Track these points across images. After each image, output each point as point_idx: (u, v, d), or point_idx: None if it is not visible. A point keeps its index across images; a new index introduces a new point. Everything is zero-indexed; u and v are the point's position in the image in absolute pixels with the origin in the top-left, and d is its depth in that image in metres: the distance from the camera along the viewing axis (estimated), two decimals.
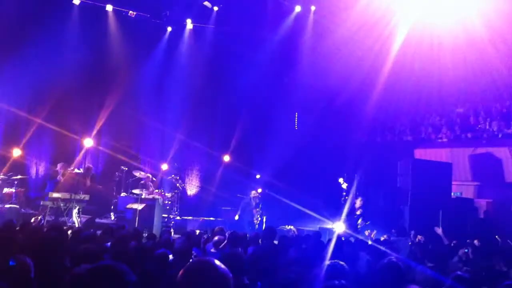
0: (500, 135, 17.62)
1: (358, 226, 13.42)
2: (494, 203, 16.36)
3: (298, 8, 18.64)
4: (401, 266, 5.35)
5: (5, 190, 14.18)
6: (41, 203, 13.48)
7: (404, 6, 16.53)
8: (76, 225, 12.70)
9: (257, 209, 15.17)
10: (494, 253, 8.52)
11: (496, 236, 12.27)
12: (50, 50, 15.95)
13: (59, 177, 13.86)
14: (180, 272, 2.65)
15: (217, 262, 2.71)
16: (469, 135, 18.50)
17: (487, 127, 18.34)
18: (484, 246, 10.49)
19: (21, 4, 15.84)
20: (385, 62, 18.15)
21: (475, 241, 11.22)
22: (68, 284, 2.88)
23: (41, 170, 17.19)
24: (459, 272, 5.73)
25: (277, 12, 18.33)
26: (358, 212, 13.67)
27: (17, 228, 8.01)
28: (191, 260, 2.76)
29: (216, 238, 8.31)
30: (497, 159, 16.91)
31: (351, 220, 13.82)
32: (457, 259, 8.68)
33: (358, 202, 13.85)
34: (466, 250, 9.05)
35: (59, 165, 14.28)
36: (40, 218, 12.61)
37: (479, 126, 18.63)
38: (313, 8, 18.81)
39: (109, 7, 17.73)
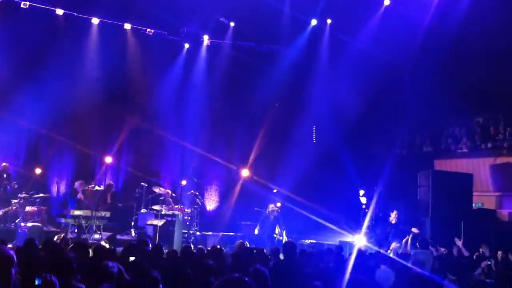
0: None
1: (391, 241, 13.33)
2: None
3: (314, 22, 18.70)
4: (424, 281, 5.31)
5: (27, 208, 14.33)
6: (63, 220, 13.61)
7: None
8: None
9: (278, 224, 15.13)
10: None
11: None
12: (70, 69, 16.25)
13: (80, 195, 14.00)
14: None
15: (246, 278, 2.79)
16: (489, 144, 18.31)
17: (507, 136, 18.15)
18: (506, 257, 10.35)
19: (42, 24, 16.16)
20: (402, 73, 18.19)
21: (499, 253, 11.09)
22: None
23: (62, 187, 17.38)
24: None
25: (293, 26, 18.39)
26: (393, 222, 13.64)
27: (40, 246, 8.08)
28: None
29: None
30: None
31: (376, 232, 13.79)
32: (480, 271, 8.57)
33: (393, 216, 13.79)
34: (489, 262, 8.94)
35: (76, 184, 14.42)
36: (63, 236, 12.73)
37: (499, 135, 18.45)
38: (329, 21, 18.85)
39: (127, 26, 17.98)
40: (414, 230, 12.97)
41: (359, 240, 14.40)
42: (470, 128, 19.89)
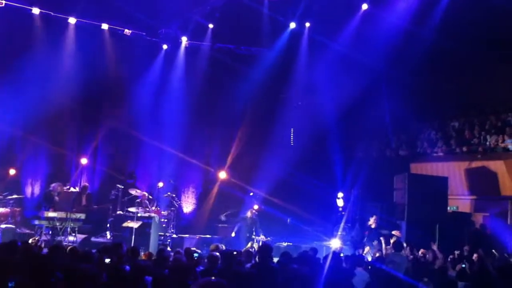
0: (495, 149, 17.69)
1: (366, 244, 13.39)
2: (490, 216, 16.37)
3: (292, 25, 18.74)
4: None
5: (1, 210, 14.13)
6: (37, 222, 13.42)
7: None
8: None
9: (255, 226, 15.10)
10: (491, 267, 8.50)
11: (493, 250, 12.27)
12: (46, 69, 16.01)
13: (55, 197, 13.81)
14: None
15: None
16: (464, 149, 18.55)
17: (482, 140, 18.41)
18: (481, 260, 10.48)
19: (17, 23, 15.92)
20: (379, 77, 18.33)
21: (474, 256, 11.23)
22: None
23: (37, 189, 17.14)
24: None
25: (272, 28, 18.40)
26: (372, 226, 13.69)
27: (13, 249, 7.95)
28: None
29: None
30: (493, 172, 16.94)
31: (352, 235, 13.86)
32: (454, 274, 8.66)
33: (372, 220, 13.83)
34: (463, 266, 9.04)
35: (52, 186, 14.24)
36: (38, 239, 12.56)
37: (474, 139, 18.70)
38: (307, 24, 18.91)
39: (104, 26, 17.81)
40: (396, 233, 13.06)
41: (335, 243, 14.48)
42: (445, 132, 20.15)
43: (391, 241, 12.16)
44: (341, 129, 19.58)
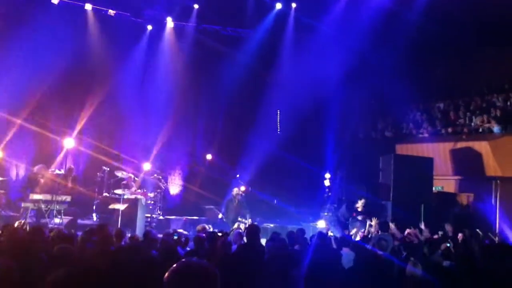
0: (480, 130, 17.82)
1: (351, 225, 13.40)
2: (475, 197, 16.54)
3: (279, 5, 18.62)
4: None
5: None
6: (22, 205, 13.33)
7: None
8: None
9: (242, 207, 15.09)
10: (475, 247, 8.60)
11: (477, 230, 12.41)
12: (29, 50, 15.77)
13: (40, 179, 13.70)
14: (168, 273, 2.63)
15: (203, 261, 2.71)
16: (449, 129, 18.66)
17: (467, 121, 18.53)
18: (465, 240, 10.60)
19: None
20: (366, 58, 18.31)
21: (459, 235, 11.36)
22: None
23: (22, 171, 16.98)
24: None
25: (258, 9, 18.28)
26: (359, 210, 13.64)
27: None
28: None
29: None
30: (477, 153, 17.06)
31: (338, 216, 13.90)
32: (439, 254, 8.73)
33: (360, 204, 13.74)
34: (448, 245, 9.13)
35: (36, 168, 14.13)
36: (24, 222, 12.47)
37: (459, 120, 18.82)
38: (294, 5, 18.80)
39: (88, 6, 17.57)
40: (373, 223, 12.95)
41: (321, 224, 14.55)
42: (431, 114, 20.26)
43: (375, 222, 12.14)
44: (327, 111, 19.59)
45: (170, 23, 19.19)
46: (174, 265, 2.65)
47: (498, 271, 5.78)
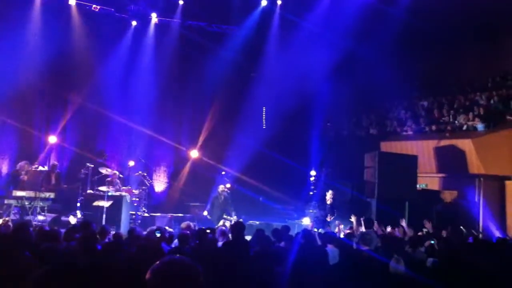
0: (463, 127, 17.97)
1: (328, 219, 13.48)
2: (459, 194, 16.69)
3: (264, 2, 18.60)
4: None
5: None
6: (5, 201, 13.19)
7: None
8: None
9: (227, 204, 15.06)
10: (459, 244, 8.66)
11: (461, 227, 12.52)
12: (12, 45, 15.57)
13: (23, 176, 13.57)
14: (150, 271, 2.60)
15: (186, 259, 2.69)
16: (433, 127, 18.81)
17: (451, 119, 18.68)
18: (449, 237, 10.68)
19: None
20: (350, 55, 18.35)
21: (442, 232, 11.44)
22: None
23: (5, 168, 16.79)
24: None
25: (243, 6, 18.25)
26: (328, 203, 13.70)
27: None
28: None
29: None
30: (461, 151, 17.22)
31: (319, 213, 13.89)
32: (423, 251, 8.79)
33: (328, 196, 13.83)
34: (432, 242, 9.17)
35: (19, 165, 14.00)
36: (7, 220, 12.31)
37: (443, 118, 18.96)
38: (279, 2, 18.80)
39: (72, 1, 17.40)
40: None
41: (306, 221, 14.58)
42: (415, 111, 20.40)
43: (354, 220, 12.14)
44: (312, 108, 19.63)
45: (154, 19, 19.07)
46: (156, 263, 2.62)
47: (481, 267, 5.82)
